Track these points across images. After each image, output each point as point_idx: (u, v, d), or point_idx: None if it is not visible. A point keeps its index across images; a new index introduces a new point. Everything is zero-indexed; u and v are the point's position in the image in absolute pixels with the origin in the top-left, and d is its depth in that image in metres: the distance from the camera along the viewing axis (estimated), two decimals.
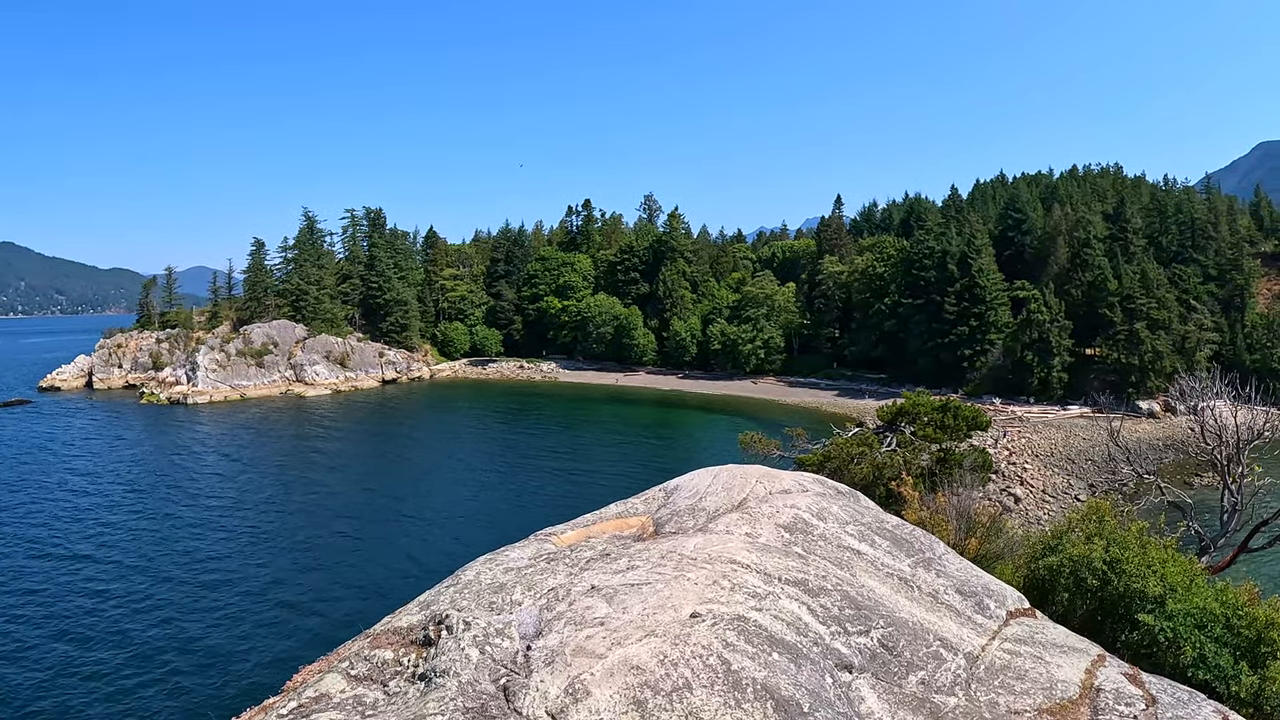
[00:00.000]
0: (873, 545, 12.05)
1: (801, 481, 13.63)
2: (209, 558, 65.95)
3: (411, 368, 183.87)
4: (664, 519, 12.23)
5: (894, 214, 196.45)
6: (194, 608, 55.83)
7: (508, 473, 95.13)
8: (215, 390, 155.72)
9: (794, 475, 14.25)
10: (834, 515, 12.53)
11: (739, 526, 11.36)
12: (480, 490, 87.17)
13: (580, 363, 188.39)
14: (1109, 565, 15.02)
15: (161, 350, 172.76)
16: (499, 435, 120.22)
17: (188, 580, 61.02)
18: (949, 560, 12.59)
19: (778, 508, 12.14)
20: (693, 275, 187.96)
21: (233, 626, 52.78)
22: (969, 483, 23.83)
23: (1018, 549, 18.50)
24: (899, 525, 13.50)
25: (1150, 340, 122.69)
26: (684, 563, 9.76)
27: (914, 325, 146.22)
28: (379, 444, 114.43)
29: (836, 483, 14.57)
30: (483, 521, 75.08)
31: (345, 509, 79.42)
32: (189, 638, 50.94)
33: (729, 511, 12.02)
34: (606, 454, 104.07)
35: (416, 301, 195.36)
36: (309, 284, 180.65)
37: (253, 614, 54.86)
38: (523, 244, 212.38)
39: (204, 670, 46.83)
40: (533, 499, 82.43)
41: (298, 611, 55.33)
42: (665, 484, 14.30)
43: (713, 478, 13.62)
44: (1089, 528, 16.75)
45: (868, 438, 33.32)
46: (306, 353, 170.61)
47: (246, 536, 71.67)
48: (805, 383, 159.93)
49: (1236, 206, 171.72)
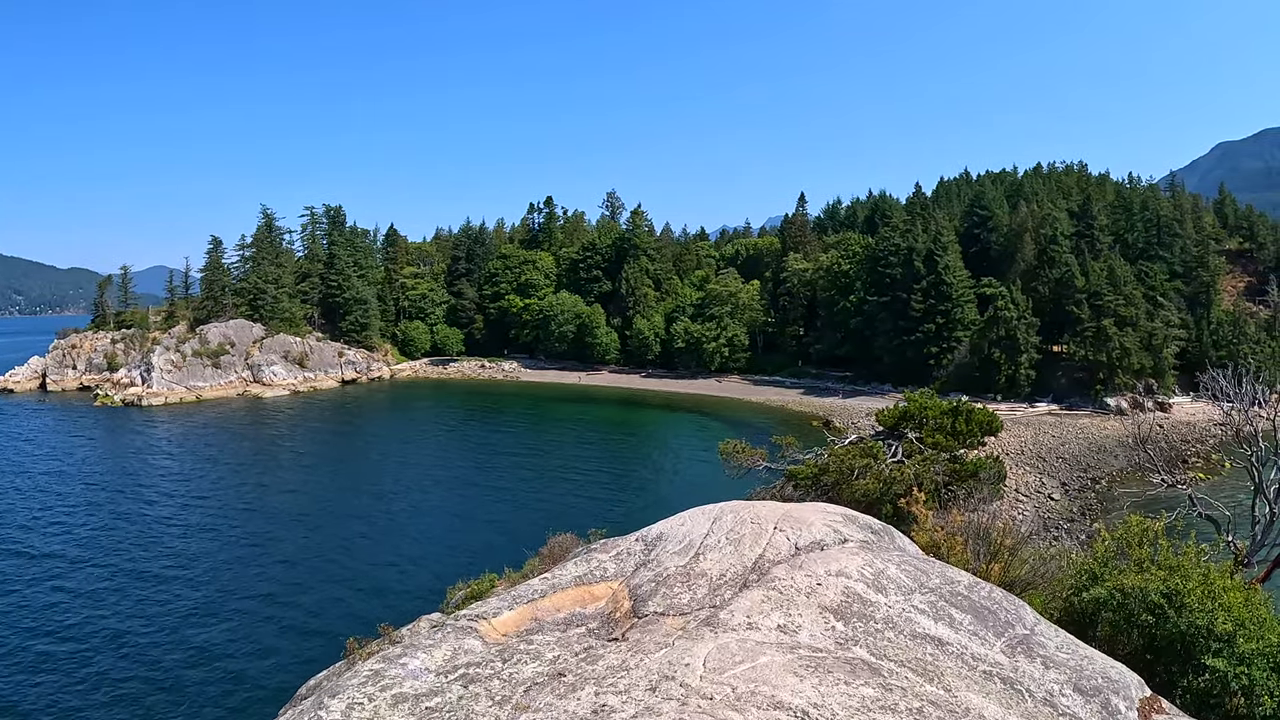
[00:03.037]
0: (953, 625, 8.87)
1: (834, 524, 10.51)
2: (154, 568, 62.90)
3: (371, 367, 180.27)
4: (645, 589, 8.98)
5: (858, 211, 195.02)
6: (139, 613, 53.57)
7: (469, 477, 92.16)
8: (170, 391, 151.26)
9: (821, 513, 11.08)
10: (893, 581, 9.32)
11: (766, 615, 7.98)
12: (443, 498, 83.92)
13: (542, 362, 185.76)
14: (1166, 598, 12.65)
15: (116, 351, 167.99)
16: (460, 438, 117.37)
17: (137, 582, 58.80)
18: (1044, 633, 9.75)
19: (818, 578, 8.77)
20: (656, 273, 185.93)
21: (172, 627, 50.67)
22: (986, 496, 21.41)
23: (1048, 575, 16.14)
24: (972, 585, 10.39)
25: (1118, 337, 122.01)
26: (695, 711, 6.27)
27: (880, 323, 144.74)
28: (337, 448, 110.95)
29: (864, 516, 11.79)
30: (443, 531, 72.38)
31: (297, 518, 76.13)
32: (128, 637, 49.10)
33: (743, 580, 8.81)
34: (570, 456, 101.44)
35: (377, 300, 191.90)
36: (267, 283, 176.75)
37: (196, 613, 52.55)
38: (484, 242, 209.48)
39: (152, 667, 44.96)
40: (495, 505, 79.73)
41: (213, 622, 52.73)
42: (644, 531, 10.88)
43: (710, 522, 10.28)
44: (1139, 552, 14.38)
45: (871, 447, 29.14)
46: (264, 353, 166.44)
47: (191, 544, 68.64)
48: (770, 381, 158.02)
49: (1201, 204, 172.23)
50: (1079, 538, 68.03)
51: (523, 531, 62.88)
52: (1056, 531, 70.63)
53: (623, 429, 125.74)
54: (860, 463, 26.81)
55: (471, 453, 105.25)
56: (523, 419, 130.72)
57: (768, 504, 11.34)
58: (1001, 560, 14.99)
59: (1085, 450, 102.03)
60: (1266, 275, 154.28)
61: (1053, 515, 77.16)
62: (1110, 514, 79.55)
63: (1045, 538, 52.56)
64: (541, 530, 42.04)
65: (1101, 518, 78.46)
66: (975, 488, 24.35)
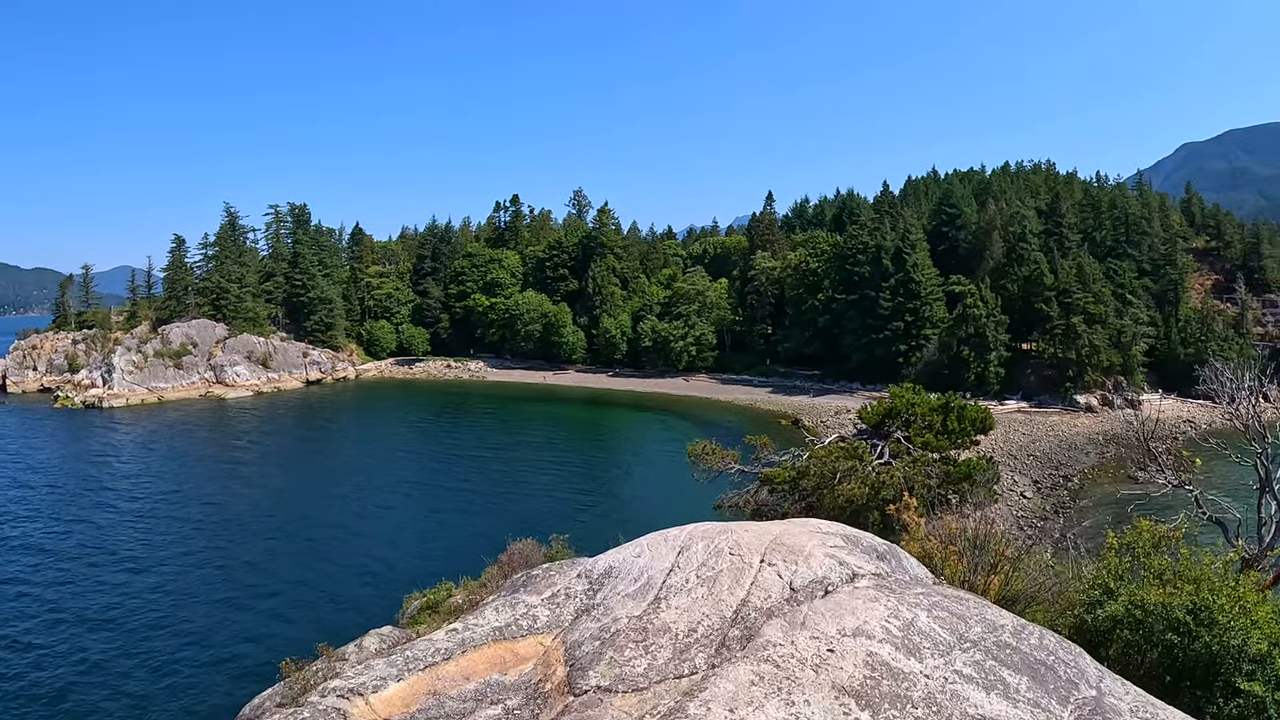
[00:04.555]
0: (1008, 694, 6.73)
1: (835, 552, 8.27)
2: (103, 574, 60.93)
3: (336, 368, 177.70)
4: (586, 649, 6.76)
5: (826, 210, 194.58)
6: (100, 619, 51.71)
7: (432, 481, 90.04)
8: (132, 393, 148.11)
9: (817, 537, 8.79)
10: (926, 635, 7.11)
11: (759, 708, 5.76)
12: (404, 502, 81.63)
13: (509, 361, 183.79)
14: (1193, 614, 11.17)
15: (78, 352, 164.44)
16: (424, 439, 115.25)
17: (76, 598, 56.51)
18: (1113, 691, 7.70)
19: (829, 640, 6.56)
20: (623, 272, 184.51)
21: (115, 638, 48.66)
22: (981, 501, 19.78)
23: (1053, 587, 14.61)
24: (1019, 631, 8.11)
25: (1087, 334, 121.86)
26: None
27: (848, 321, 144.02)
28: (299, 451, 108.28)
29: (867, 535, 9.78)
30: (404, 536, 70.46)
31: (255, 524, 73.65)
32: (74, 643, 47.27)
33: (721, 638, 6.61)
34: (536, 458, 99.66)
35: (342, 300, 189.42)
36: (230, 282, 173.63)
37: (142, 623, 50.71)
38: (450, 240, 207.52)
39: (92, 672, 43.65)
40: (457, 509, 78.03)
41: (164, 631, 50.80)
42: (589, 564, 8.47)
43: (676, 553, 7.94)
44: (1156, 562, 12.89)
45: (856, 448, 26.61)
46: (227, 353, 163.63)
47: (142, 552, 66.43)
48: (739, 380, 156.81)
49: (1168, 203, 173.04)
50: (1077, 545, 67.05)
51: (484, 536, 61.08)
52: (1030, 530, 69.56)
53: (589, 429, 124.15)
54: (844, 465, 24.34)
55: (435, 455, 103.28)
56: (488, 419, 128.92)
57: (749, 527, 9.13)
58: (1002, 572, 13.47)
59: (1056, 448, 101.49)
60: (1233, 273, 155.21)
61: (1025, 514, 76.14)
62: (1084, 510, 78.85)
63: (1021, 536, 51.43)
64: (503, 535, 40.34)
65: (1112, 527, 77.71)
66: (969, 491, 22.67)
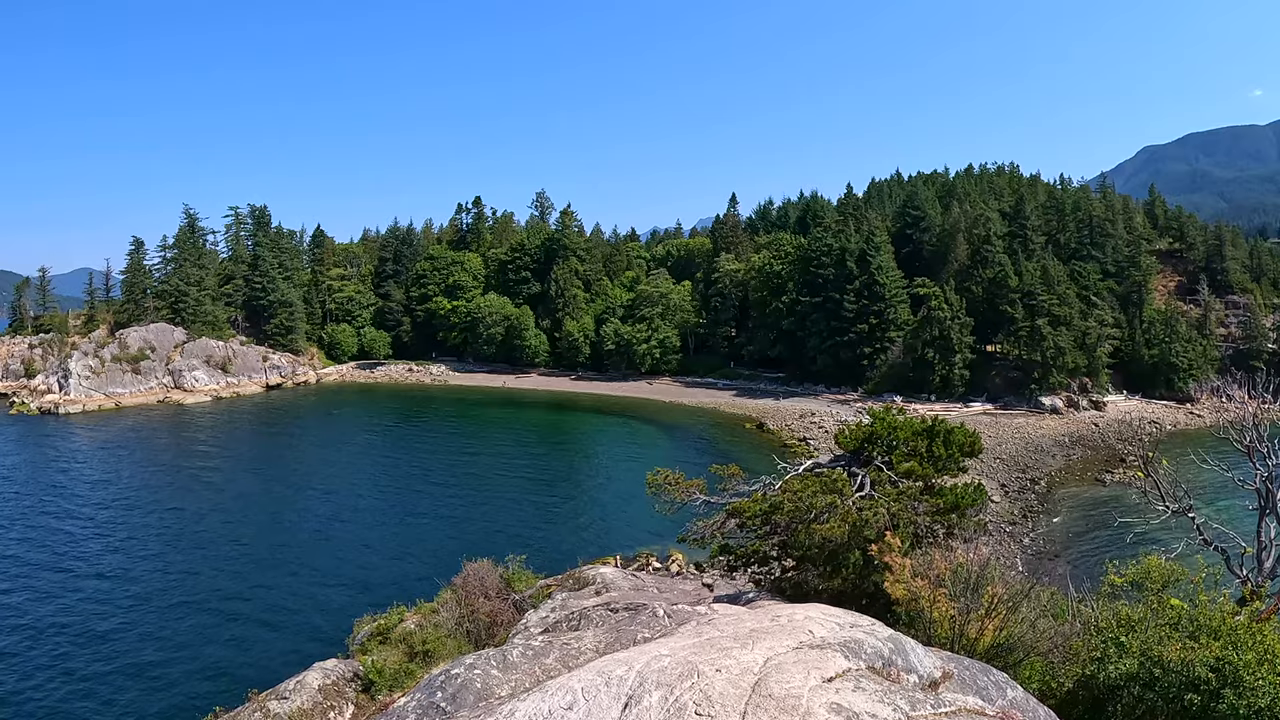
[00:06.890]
0: None
1: (845, 701, 6.16)
2: (41, 601, 59.50)
3: (297, 372, 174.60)
4: None
5: (790, 212, 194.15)
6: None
7: (390, 493, 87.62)
8: (88, 399, 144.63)
9: (815, 671, 6.77)
10: None
11: None
12: (359, 516, 78.97)
13: (471, 364, 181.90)
14: (1216, 672, 9.88)
15: (34, 356, 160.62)
16: (384, 447, 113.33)
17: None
18: None
19: None
20: (586, 274, 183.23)
21: (44, 663, 47.14)
22: (970, 537, 18.35)
23: (1052, 634, 13.28)
24: None
25: (1052, 336, 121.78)
26: None
27: (813, 323, 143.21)
28: (256, 461, 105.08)
29: (871, 639, 8.07)
30: (358, 553, 68.09)
31: (206, 541, 71.38)
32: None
33: None
34: (496, 466, 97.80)
35: (302, 303, 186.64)
36: (189, 285, 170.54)
37: (79, 649, 49.18)
38: (412, 243, 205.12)
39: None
40: (414, 524, 76.15)
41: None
42: (497, 713, 6.02)
43: (620, 708, 5.43)
44: (1172, 610, 11.59)
45: (835, 480, 23.85)
46: (186, 358, 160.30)
47: (87, 572, 64.50)
48: (702, 383, 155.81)
49: (1132, 205, 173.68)
50: (1074, 581, 66.46)
51: (440, 555, 59.77)
52: (998, 535, 68.95)
53: (552, 434, 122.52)
54: (822, 501, 22.14)
55: (394, 464, 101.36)
56: (449, 425, 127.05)
57: (720, 657, 6.94)
58: (998, 616, 12.11)
59: (1022, 450, 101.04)
60: (1196, 275, 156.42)
61: (994, 518, 75.44)
62: (1054, 515, 78.25)
63: (1015, 568, 50.30)
64: (461, 549, 39.10)
65: (1081, 534, 77.27)
66: (958, 524, 21.19)
